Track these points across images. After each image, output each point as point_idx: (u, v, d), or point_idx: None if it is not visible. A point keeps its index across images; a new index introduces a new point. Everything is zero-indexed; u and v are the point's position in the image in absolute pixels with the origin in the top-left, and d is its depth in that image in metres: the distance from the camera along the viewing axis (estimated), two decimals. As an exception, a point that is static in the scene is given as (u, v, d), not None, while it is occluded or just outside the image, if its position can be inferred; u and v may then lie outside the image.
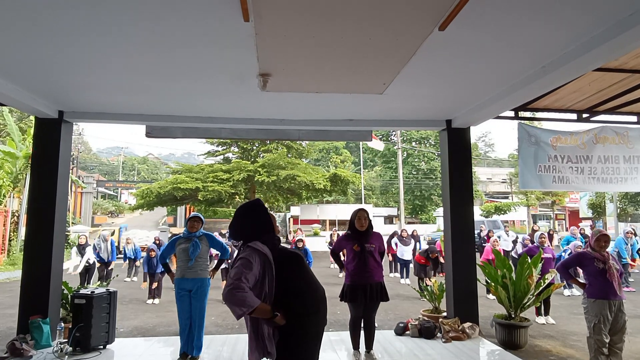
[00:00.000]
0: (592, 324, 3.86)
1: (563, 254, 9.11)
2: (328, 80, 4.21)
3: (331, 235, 18.53)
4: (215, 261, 5.08)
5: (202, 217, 4.83)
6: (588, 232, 13.59)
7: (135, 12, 2.89)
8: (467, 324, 5.39)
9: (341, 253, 4.88)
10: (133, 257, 11.10)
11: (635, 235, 10.57)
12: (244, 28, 3.07)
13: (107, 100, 4.95)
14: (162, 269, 8.36)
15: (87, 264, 8.98)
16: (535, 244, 6.88)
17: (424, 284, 8.18)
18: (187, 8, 2.83)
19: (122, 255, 11.39)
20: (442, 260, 9.38)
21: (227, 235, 10.09)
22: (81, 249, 9.09)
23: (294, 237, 12.45)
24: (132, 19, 2.98)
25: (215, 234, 5.32)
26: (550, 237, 15.45)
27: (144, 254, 9.31)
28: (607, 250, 4.04)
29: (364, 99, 4.87)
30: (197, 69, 3.95)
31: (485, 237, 12.98)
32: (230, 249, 5.04)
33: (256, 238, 2.31)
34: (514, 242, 12.24)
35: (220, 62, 3.76)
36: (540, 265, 5.61)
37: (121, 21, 3.01)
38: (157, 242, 9.53)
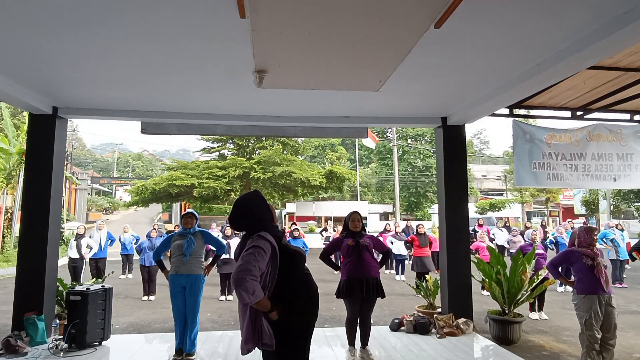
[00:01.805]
0: (583, 320, 3.90)
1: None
2: (324, 77, 4.21)
3: (325, 228, 18.36)
4: (211, 258, 5.07)
5: (196, 214, 4.82)
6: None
7: (131, 6, 2.87)
8: (461, 320, 5.43)
9: (333, 256, 4.90)
10: (129, 249, 11.07)
11: (622, 230, 10.65)
12: (240, 23, 3.06)
13: (102, 96, 4.92)
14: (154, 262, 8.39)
15: (76, 257, 8.98)
16: (527, 242, 6.94)
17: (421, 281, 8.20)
18: (184, 2, 2.82)
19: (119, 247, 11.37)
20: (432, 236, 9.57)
21: (222, 228, 10.06)
22: (79, 239, 9.10)
23: (288, 230, 12.56)
24: (128, 13, 2.96)
25: (212, 227, 5.32)
26: (544, 228, 15.58)
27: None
28: (597, 246, 4.09)
29: (359, 96, 4.87)
30: (193, 64, 3.93)
31: (477, 226, 13.04)
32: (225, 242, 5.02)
33: (261, 228, 2.31)
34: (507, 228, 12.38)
35: (216, 57, 3.75)
36: (533, 261, 5.66)
37: (117, 15, 2.99)
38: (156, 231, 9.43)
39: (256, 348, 2.22)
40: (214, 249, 4.96)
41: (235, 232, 9.46)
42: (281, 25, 3.09)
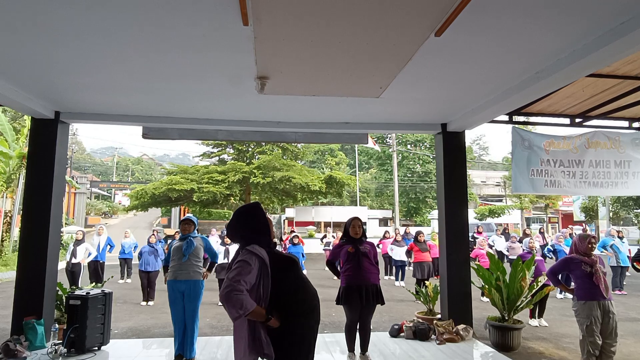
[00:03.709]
0: (584, 326, 3.91)
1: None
2: (325, 84, 4.25)
3: (325, 235, 18.41)
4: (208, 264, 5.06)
5: (194, 220, 4.81)
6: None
7: (133, 13, 2.90)
8: (461, 326, 5.44)
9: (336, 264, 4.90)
10: (128, 253, 11.07)
11: (622, 237, 10.65)
12: (242, 31, 3.09)
13: (104, 101, 4.95)
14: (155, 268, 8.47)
15: (75, 261, 8.97)
16: (526, 250, 6.95)
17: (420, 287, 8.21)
18: (186, 10, 2.85)
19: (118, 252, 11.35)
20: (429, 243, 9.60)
21: (222, 234, 10.12)
22: (77, 245, 9.09)
23: (287, 237, 12.65)
24: (130, 19, 2.99)
25: (212, 232, 5.33)
26: (543, 235, 15.59)
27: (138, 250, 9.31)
28: (595, 253, 4.12)
29: (360, 102, 4.91)
30: (195, 71, 3.96)
31: (475, 233, 13.09)
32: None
33: (254, 241, 2.34)
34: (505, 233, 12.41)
35: (218, 64, 3.78)
36: (533, 268, 5.67)
37: (119, 22, 3.03)
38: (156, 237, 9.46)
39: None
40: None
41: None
42: (283, 33, 3.12)
